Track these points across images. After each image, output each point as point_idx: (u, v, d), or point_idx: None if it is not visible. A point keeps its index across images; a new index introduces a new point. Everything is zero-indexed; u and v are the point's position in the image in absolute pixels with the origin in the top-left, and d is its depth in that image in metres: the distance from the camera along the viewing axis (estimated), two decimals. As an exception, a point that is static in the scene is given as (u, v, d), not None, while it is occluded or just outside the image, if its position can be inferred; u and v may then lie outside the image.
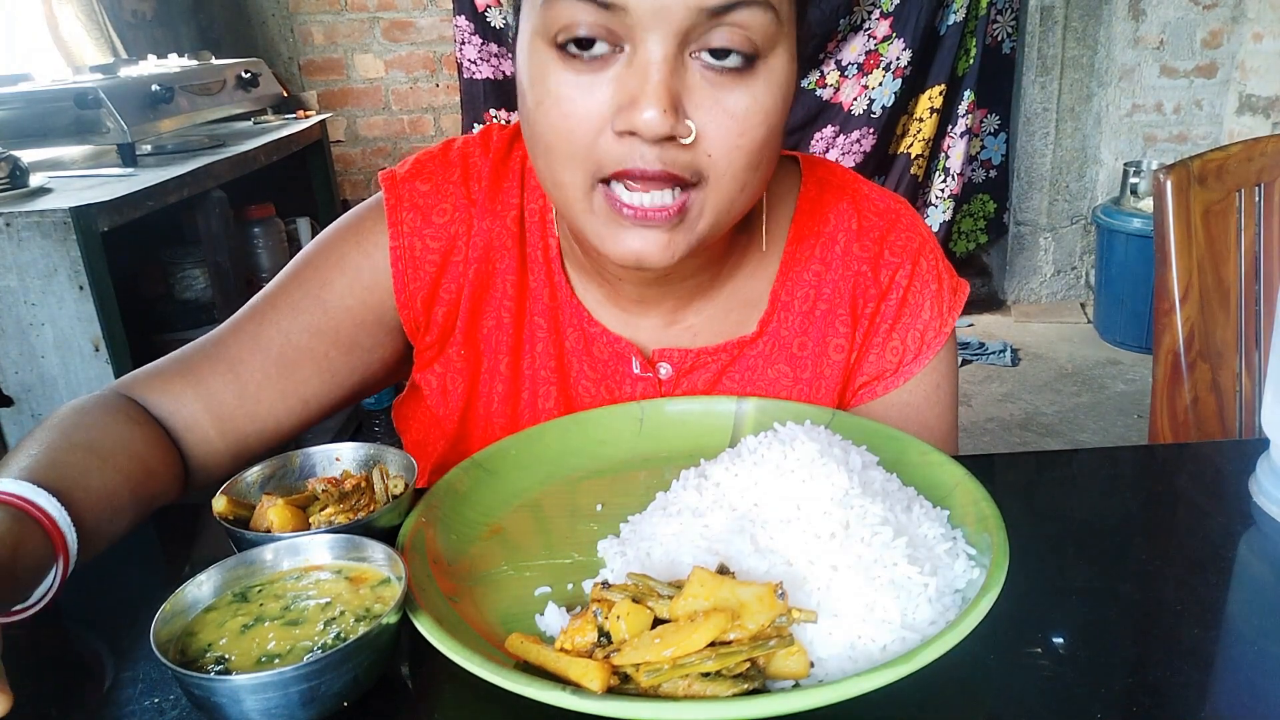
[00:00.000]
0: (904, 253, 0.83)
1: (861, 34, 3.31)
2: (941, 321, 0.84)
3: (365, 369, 0.84)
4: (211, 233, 2.17)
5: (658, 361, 0.83)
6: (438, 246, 0.80)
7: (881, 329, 0.84)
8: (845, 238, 0.83)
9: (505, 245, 0.81)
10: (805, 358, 0.84)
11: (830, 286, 0.83)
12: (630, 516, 0.68)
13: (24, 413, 1.79)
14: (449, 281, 0.81)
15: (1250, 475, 0.75)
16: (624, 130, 0.61)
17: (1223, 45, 3.56)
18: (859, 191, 0.85)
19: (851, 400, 0.86)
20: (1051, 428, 2.98)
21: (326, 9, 3.61)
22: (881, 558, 0.56)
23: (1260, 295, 1.18)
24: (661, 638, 0.50)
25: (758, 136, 0.64)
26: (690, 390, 0.84)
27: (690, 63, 0.62)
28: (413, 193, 0.80)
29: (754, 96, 0.63)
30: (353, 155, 3.82)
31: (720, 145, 0.63)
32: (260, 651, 0.52)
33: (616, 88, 0.61)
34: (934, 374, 0.85)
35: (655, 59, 0.60)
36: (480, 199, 0.80)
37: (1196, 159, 1.17)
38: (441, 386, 0.85)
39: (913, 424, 0.85)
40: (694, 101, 0.62)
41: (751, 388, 0.84)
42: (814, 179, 0.85)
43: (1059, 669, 0.55)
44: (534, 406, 0.84)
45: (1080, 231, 3.84)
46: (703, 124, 0.62)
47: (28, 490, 0.59)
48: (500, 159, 0.82)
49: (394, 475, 0.69)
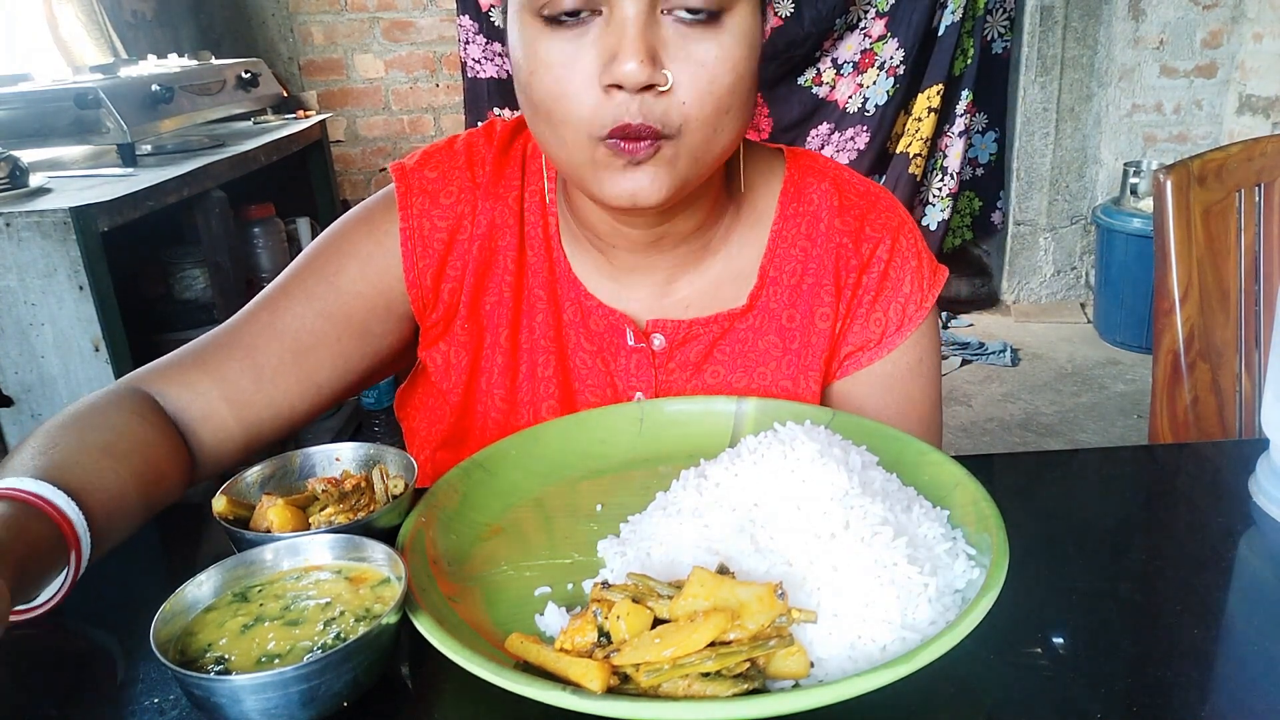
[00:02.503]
0: (884, 229, 0.87)
1: (857, 33, 3.33)
2: (922, 296, 0.88)
3: (375, 355, 0.87)
4: (211, 233, 2.17)
5: (651, 333, 0.86)
6: (445, 226, 0.84)
7: (865, 300, 0.87)
8: (828, 214, 0.87)
9: (507, 224, 0.85)
10: (794, 329, 0.87)
11: (815, 261, 0.87)
12: (630, 516, 0.68)
13: (24, 413, 1.79)
14: (455, 259, 0.85)
15: (1250, 475, 0.75)
16: (610, 84, 0.67)
17: (1223, 45, 3.56)
18: (840, 175, 0.90)
19: (838, 371, 0.89)
20: (1051, 428, 2.98)
21: (326, 9, 3.61)
22: (881, 558, 0.56)
23: (1260, 295, 1.18)
24: (661, 638, 0.50)
25: (726, 83, 0.70)
26: (683, 362, 0.87)
27: (663, 19, 0.68)
28: (421, 179, 0.85)
29: (721, 45, 0.69)
30: (353, 155, 3.82)
31: (693, 92, 0.69)
32: (260, 651, 0.52)
33: (600, 47, 0.68)
34: (916, 348, 0.88)
35: (630, 16, 0.67)
36: (484, 183, 0.85)
37: (1196, 159, 1.17)
38: (446, 362, 0.88)
39: (897, 394, 0.88)
40: (668, 54, 0.68)
41: (743, 359, 0.87)
42: (797, 165, 0.90)
43: (1059, 669, 0.55)
44: (533, 377, 0.86)
45: (1080, 231, 3.84)
46: (677, 74, 0.68)
47: (45, 490, 0.60)
48: (502, 148, 0.87)
49: (394, 475, 0.69)
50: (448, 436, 0.90)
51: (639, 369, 0.86)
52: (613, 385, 0.87)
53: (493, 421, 0.87)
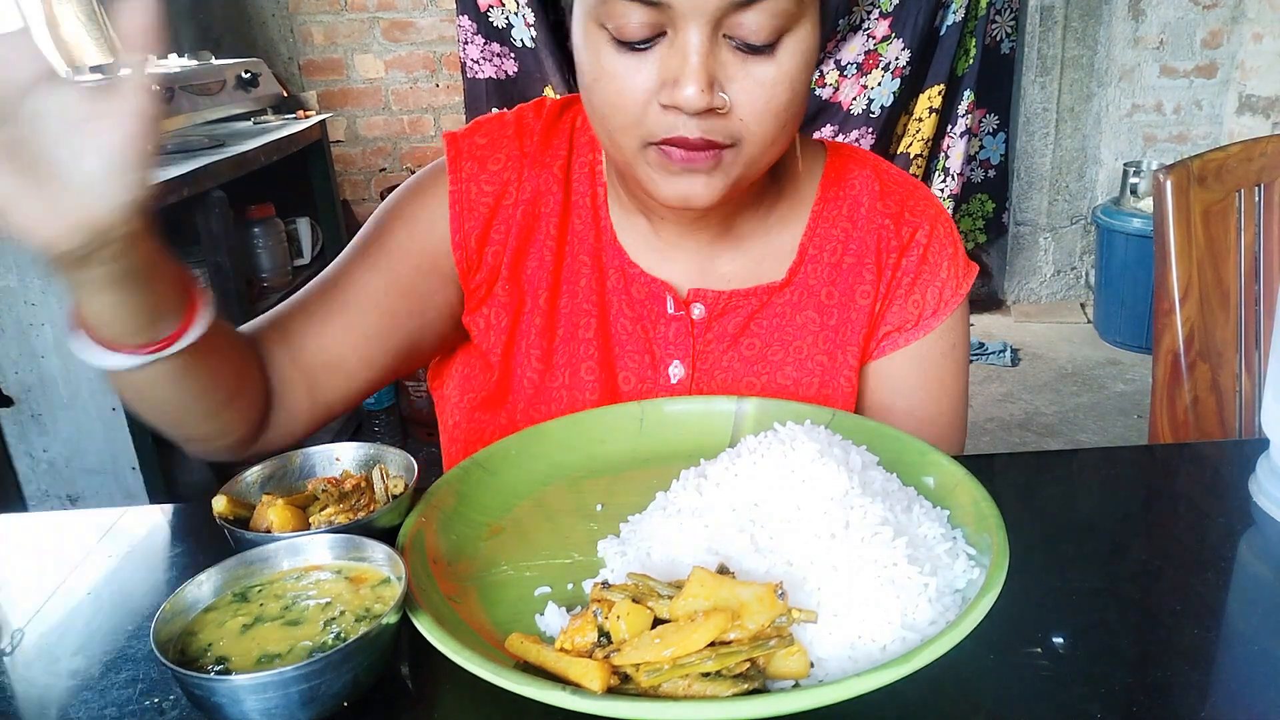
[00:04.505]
0: (923, 214, 0.90)
1: (860, 34, 3.31)
2: (957, 284, 0.90)
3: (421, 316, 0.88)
4: (211, 233, 2.17)
5: (692, 302, 0.88)
6: (491, 190, 0.87)
7: (904, 282, 0.90)
8: (869, 199, 0.90)
9: (551, 191, 0.88)
10: (833, 305, 0.90)
11: (856, 241, 0.90)
12: (630, 516, 0.68)
13: (24, 413, 1.79)
14: (500, 223, 0.88)
15: (1250, 475, 0.75)
16: (668, 104, 0.70)
17: (1223, 45, 3.56)
18: (879, 164, 0.94)
19: (875, 350, 0.91)
20: (1051, 428, 2.98)
21: (326, 9, 3.60)
22: (881, 558, 0.56)
23: (1260, 295, 1.18)
24: (661, 638, 0.50)
25: (784, 100, 0.72)
26: (721, 333, 0.89)
27: (723, 42, 0.70)
28: (471, 145, 0.89)
29: (780, 66, 0.71)
30: (353, 155, 3.81)
31: (751, 110, 0.71)
32: (260, 651, 0.52)
33: (661, 67, 0.70)
34: (951, 334, 0.91)
35: (694, 44, 0.68)
36: (531, 152, 0.88)
37: (1196, 159, 1.17)
38: (487, 324, 0.90)
39: (930, 377, 0.91)
40: (727, 75, 0.70)
41: (780, 333, 0.89)
42: (838, 154, 0.93)
43: (1059, 669, 0.55)
44: (572, 339, 0.89)
45: (1080, 231, 3.84)
46: (735, 94, 0.71)
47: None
48: (552, 120, 0.90)
49: (394, 475, 0.69)
50: (488, 398, 0.91)
51: (677, 337, 0.88)
52: (650, 352, 0.89)
53: (529, 382, 0.89)
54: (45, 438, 1.82)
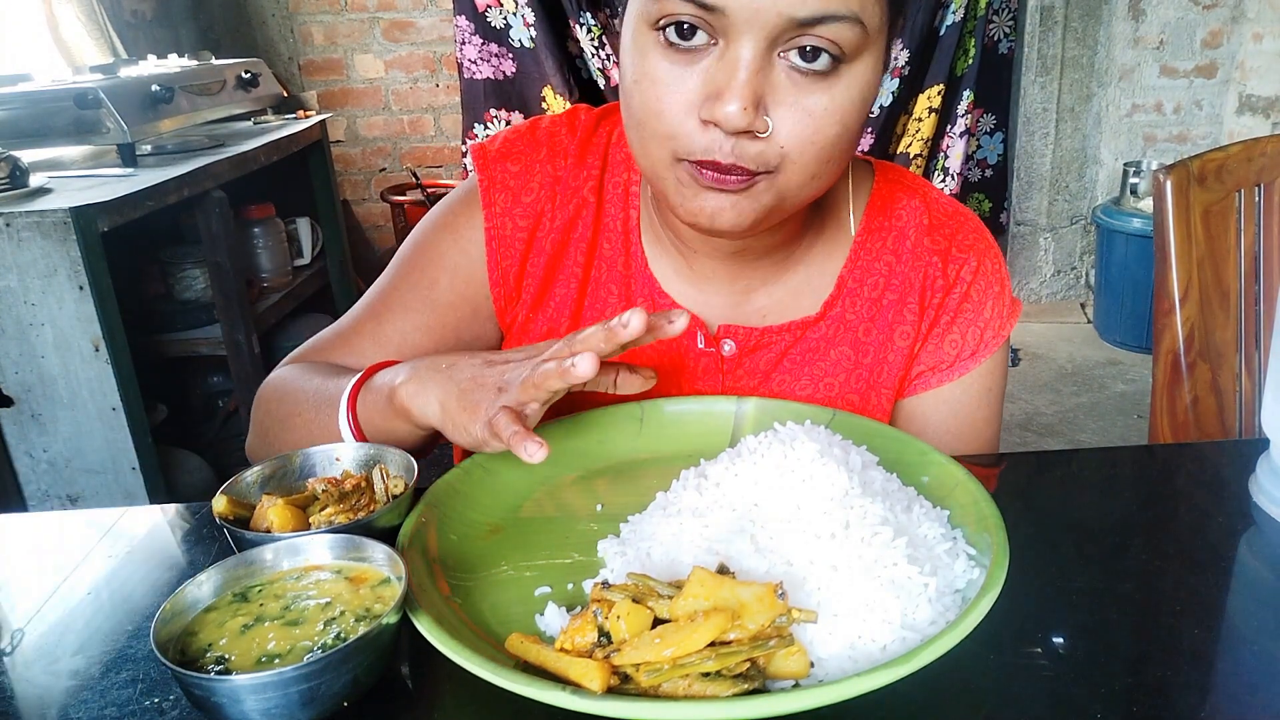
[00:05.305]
0: (971, 249, 0.86)
1: None
2: (1000, 324, 0.87)
3: None
4: (211, 233, 2.17)
5: (722, 338, 0.85)
6: (526, 225, 0.85)
7: (943, 320, 0.86)
8: (916, 232, 0.86)
9: (581, 216, 0.86)
10: (870, 343, 0.86)
11: (900, 277, 0.85)
12: (630, 516, 0.68)
13: (24, 413, 1.79)
14: (535, 256, 0.86)
15: (1250, 475, 0.75)
16: (707, 119, 0.65)
17: (1223, 45, 3.56)
18: (929, 193, 0.89)
19: (906, 389, 0.88)
20: (1051, 428, 2.98)
21: (326, 9, 3.61)
22: (881, 558, 0.56)
23: (1260, 295, 1.18)
24: (661, 638, 0.50)
25: (831, 135, 0.67)
26: (752, 369, 0.86)
27: (777, 62, 0.65)
28: (504, 174, 0.85)
29: (833, 98, 0.66)
30: (353, 155, 3.82)
31: (794, 140, 0.66)
32: (260, 651, 0.52)
33: (706, 78, 0.65)
34: (987, 377, 0.88)
35: (745, 58, 0.64)
36: (564, 176, 0.85)
37: (1196, 159, 1.17)
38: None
39: (964, 422, 0.87)
40: (775, 98, 0.65)
41: (811, 368, 0.86)
42: (886, 179, 0.88)
43: (1059, 669, 0.55)
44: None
45: (1080, 231, 3.84)
46: (780, 119, 0.66)
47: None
48: (586, 138, 0.86)
49: (394, 475, 0.69)
50: None
51: (706, 373, 0.86)
52: (678, 386, 0.86)
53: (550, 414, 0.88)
54: (45, 438, 1.82)
